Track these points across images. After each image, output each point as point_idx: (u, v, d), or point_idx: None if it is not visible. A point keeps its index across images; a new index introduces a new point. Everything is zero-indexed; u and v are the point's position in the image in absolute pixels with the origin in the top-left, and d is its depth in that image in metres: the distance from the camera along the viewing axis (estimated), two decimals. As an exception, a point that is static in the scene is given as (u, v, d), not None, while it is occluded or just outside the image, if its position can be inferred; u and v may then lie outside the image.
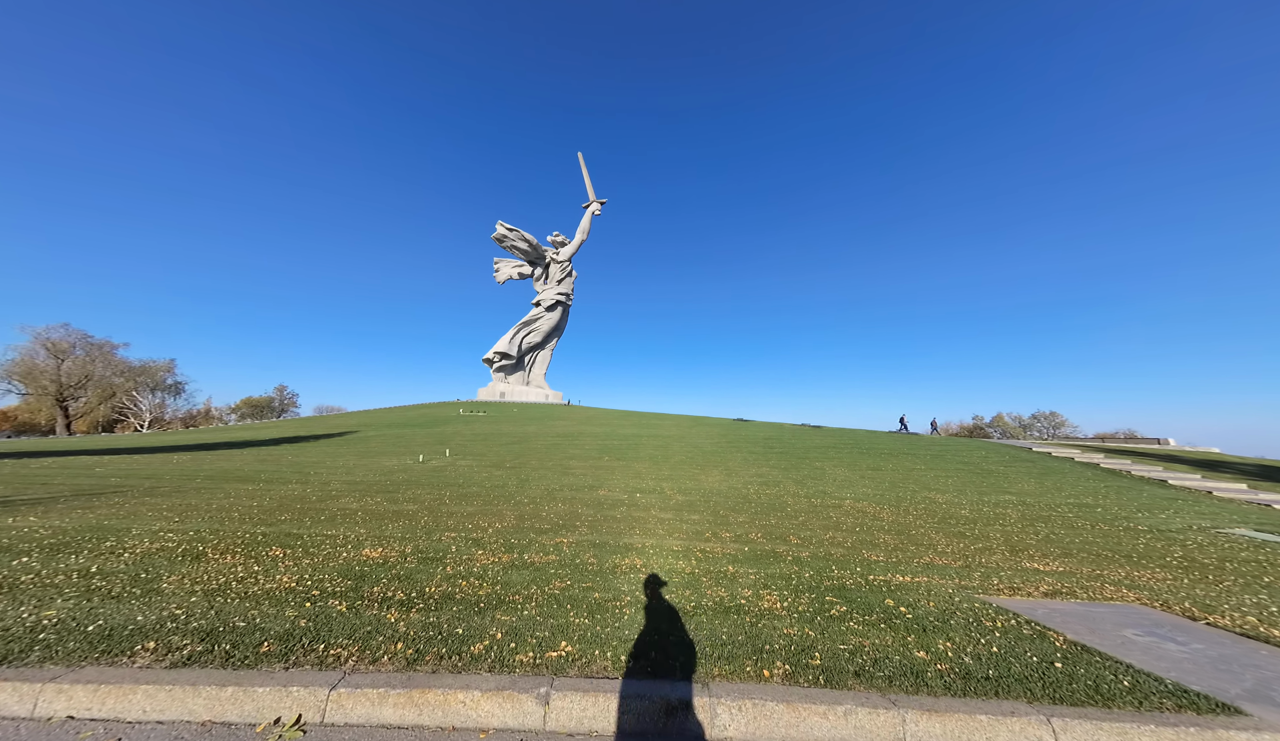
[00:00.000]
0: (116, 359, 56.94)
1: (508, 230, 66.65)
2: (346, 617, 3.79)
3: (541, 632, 3.50)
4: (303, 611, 3.92)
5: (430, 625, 3.63)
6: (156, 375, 60.27)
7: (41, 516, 7.64)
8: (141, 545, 6.09)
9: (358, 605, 4.09)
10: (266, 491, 11.24)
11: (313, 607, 4.01)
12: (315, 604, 4.11)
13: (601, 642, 3.40)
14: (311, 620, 3.69)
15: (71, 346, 52.56)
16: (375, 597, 4.30)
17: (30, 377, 50.06)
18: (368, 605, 4.09)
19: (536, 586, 4.69)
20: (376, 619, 3.75)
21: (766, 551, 6.20)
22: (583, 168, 72.38)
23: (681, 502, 10.78)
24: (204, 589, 4.49)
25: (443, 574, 5.11)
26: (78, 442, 28.70)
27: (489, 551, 6.17)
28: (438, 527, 7.79)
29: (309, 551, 6.06)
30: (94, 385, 54.66)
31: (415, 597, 4.33)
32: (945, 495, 11.75)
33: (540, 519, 8.74)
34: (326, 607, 4.01)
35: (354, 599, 4.25)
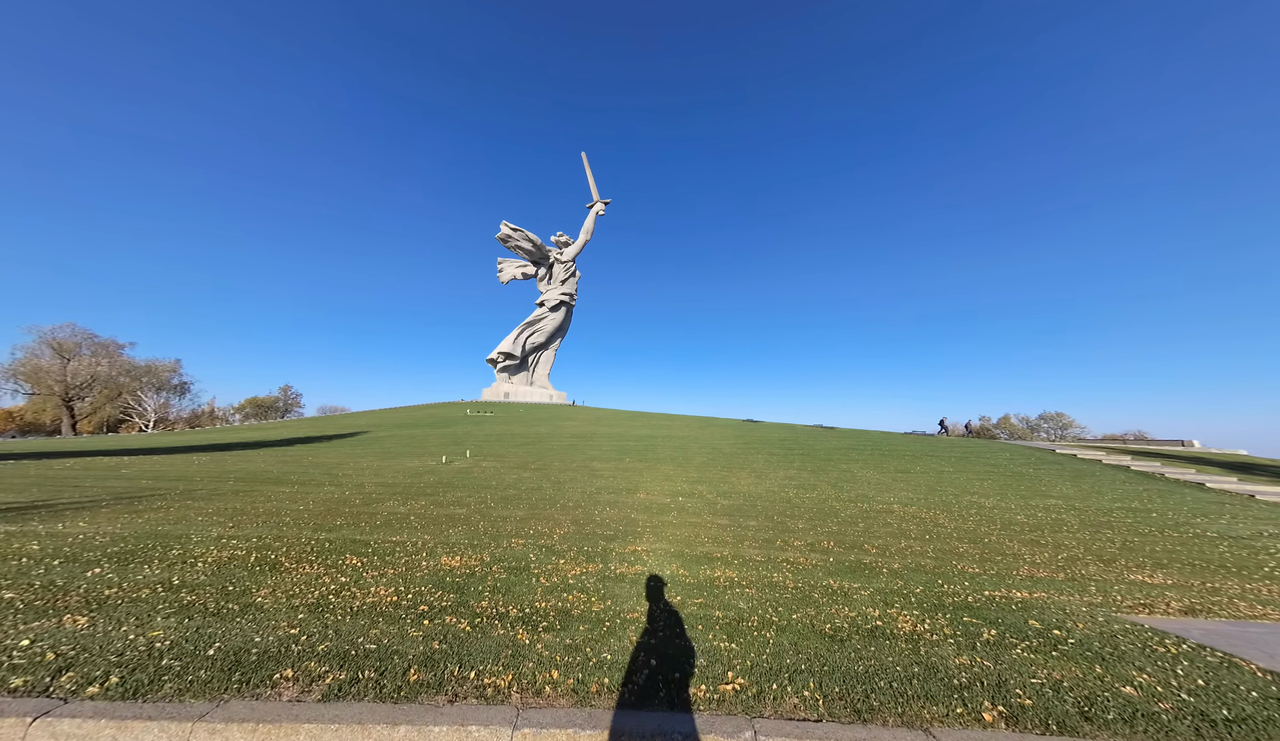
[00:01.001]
0: (122, 359, 56.23)
1: (512, 230, 66.32)
2: (476, 638, 3.54)
3: (699, 661, 3.25)
4: (425, 630, 3.66)
5: (572, 648, 3.38)
6: (162, 375, 59.52)
7: (90, 522, 7.32)
8: (210, 553, 5.80)
9: (478, 622, 3.83)
10: (305, 494, 10.92)
11: (433, 626, 3.75)
12: (431, 621, 3.86)
13: (775, 675, 3.14)
14: (443, 641, 3.43)
15: (78, 346, 51.79)
16: (489, 613, 4.05)
17: (36, 378, 49.32)
18: (488, 622, 3.83)
19: (649, 602, 4.44)
20: (510, 640, 3.50)
21: (854, 563, 5.97)
22: (586, 167, 72.07)
23: (727, 507, 10.53)
24: (303, 603, 4.23)
25: (540, 586, 4.86)
26: (90, 443, 28.20)
27: (571, 561, 5.92)
28: (499, 533, 7.53)
29: (386, 560, 5.79)
30: (100, 385, 53.87)
31: (531, 613, 4.08)
32: (989, 499, 11.56)
33: (597, 524, 8.48)
34: (447, 626, 3.76)
35: (468, 615, 3.99)
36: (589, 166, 71.37)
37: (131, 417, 57.14)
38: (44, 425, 55.50)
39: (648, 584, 5.00)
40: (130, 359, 57.76)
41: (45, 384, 49.63)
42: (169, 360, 62.72)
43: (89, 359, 52.34)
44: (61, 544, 6.01)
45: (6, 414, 57.40)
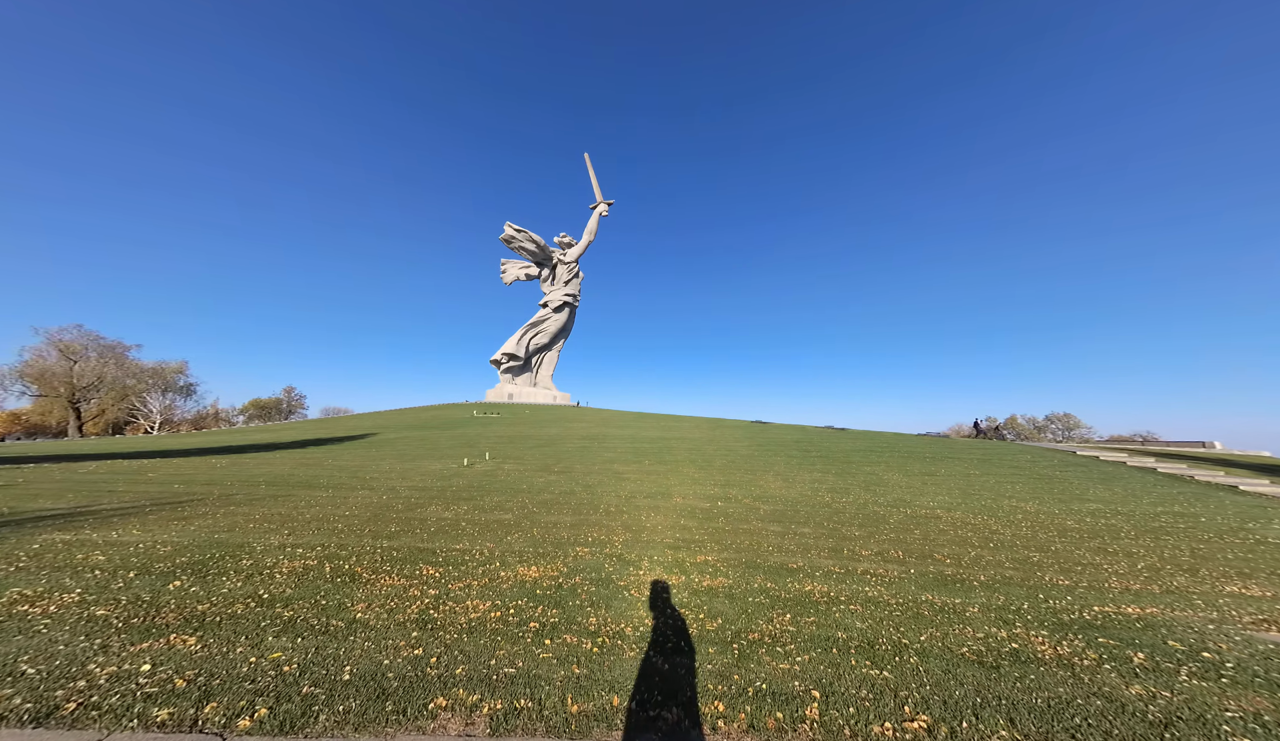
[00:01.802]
0: (129, 361, 55.74)
1: (516, 231, 66.09)
2: (612, 660, 3.37)
3: (862, 692, 3.07)
4: (552, 651, 3.50)
5: (720, 675, 3.21)
6: (168, 377, 59.01)
7: (143, 529, 7.11)
8: (282, 563, 5.62)
9: (601, 642, 3.67)
10: (342, 499, 10.73)
11: (557, 646, 3.59)
12: (552, 639, 3.70)
13: (957, 712, 2.89)
14: (580, 664, 3.27)
15: (84, 348, 51.30)
16: (606, 631, 3.89)
17: (42, 379, 48.82)
18: (611, 642, 3.67)
19: (760, 619, 4.27)
20: (654, 665, 3.33)
21: (937, 575, 5.80)
22: (589, 169, 71.92)
23: (770, 512, 10.39)
24: (407, 619, 4.06)
25: (637, 600, 4.69)
26: (105, 445, 27.82)
27: (649, 572, 5.75)
28: (559, 541, 7.36)
29: (461, 570, 5.63)
30: (106, 387, 53.36)
31: (647, 632, 3.90)
32: (1028, 504, 11.46)
33: (651, 531, 8.32)
34: (571, 646, 3.59)
35: (585, 633, 3.83)
36: (592, 167, 71.23)
37: (137, 419, 56.63)
38: (50, 427, 54.89)
39: (738, 598, 4.84)
40: (137, 360, 57.35)
41: (52, 386, 49.14)
42: (176, 361, 62.41)
43: (95, 361, 51.80)
44: (126, 554, 5.82)
45: (12, 416, 57.00)
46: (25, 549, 5.92)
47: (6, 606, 4.07)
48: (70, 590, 4.51)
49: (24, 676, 2.95)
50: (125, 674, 3.03)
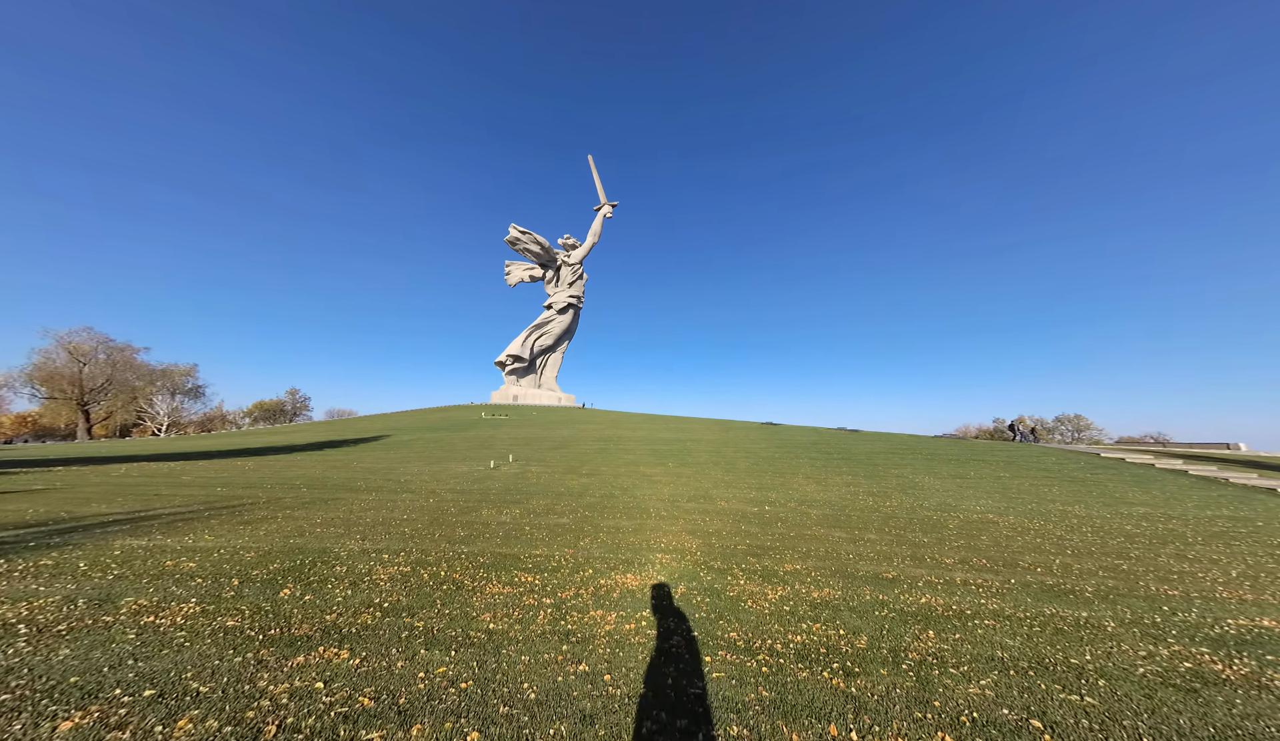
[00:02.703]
0: (138, 363, 55.04)
1: (520, 233, 65.92)
2: (815, 687, 3.19)
3: (1084, 721, 2.87)
4: (718, 668, 3.36)
5: (918, 700, 3.09)
6: (177, 379, 58.38)
7: (214, 535, 6.91)
8: (376, 570, 5.45)
9: (761, 658, 3.55)
10: (391, 502, 10.54)
11: (716, 661, 3.45)
12: (710, 655, 3.57)
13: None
14: (763, 686, 3.12)
15: (93, 350, 50.61)
16: (765, 649, 3.74)
17: (52, 382, 48.12)
18: (796, 663, 3.50)
19: (904, 636, 4.08)
20: (844, 693, 3.12)
21: (1040, 585, 5.66)
22: (593, 170, 71.83)
23: (823, 517, 10.28)
24: (543, 630, 3.90)
25: (774, 614, 4.54)
26: (123, 448, 27.45)
27: (754, 583, 5.57)
28: (634, 547, 7.21)
29: (559, 577, 5.47)
30: (115, 389, 52.68)
31: (806, 648, 3.74)
32: (1075, 507, 11.41)
33: (718, 537, 8.16)
34: (728, 663, 3.46)
35: (748, 653, 3.65)
36: (596, 169, 71.14)
37: (144, 421, 55.97)
38: (58, 429, 54.19)
39: (867, 613, 4.68)
40: (145, 363, 56.69)
41: (61, 388, 48.47)
42: (185, 364, 61.88)
43: (105, 363, 51.15)
44: (215, 560, 5.64)
45: (21, 418, 56.42)
46: (108, 555, 5.73)
47: (131, 617, 3.91)
48: (184, 599, 4.34)
49: (201, 697, 2.79)
50: (303, 691, 2.88)
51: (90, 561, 5.37)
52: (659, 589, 5.17)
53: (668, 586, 5.27)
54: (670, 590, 5.14)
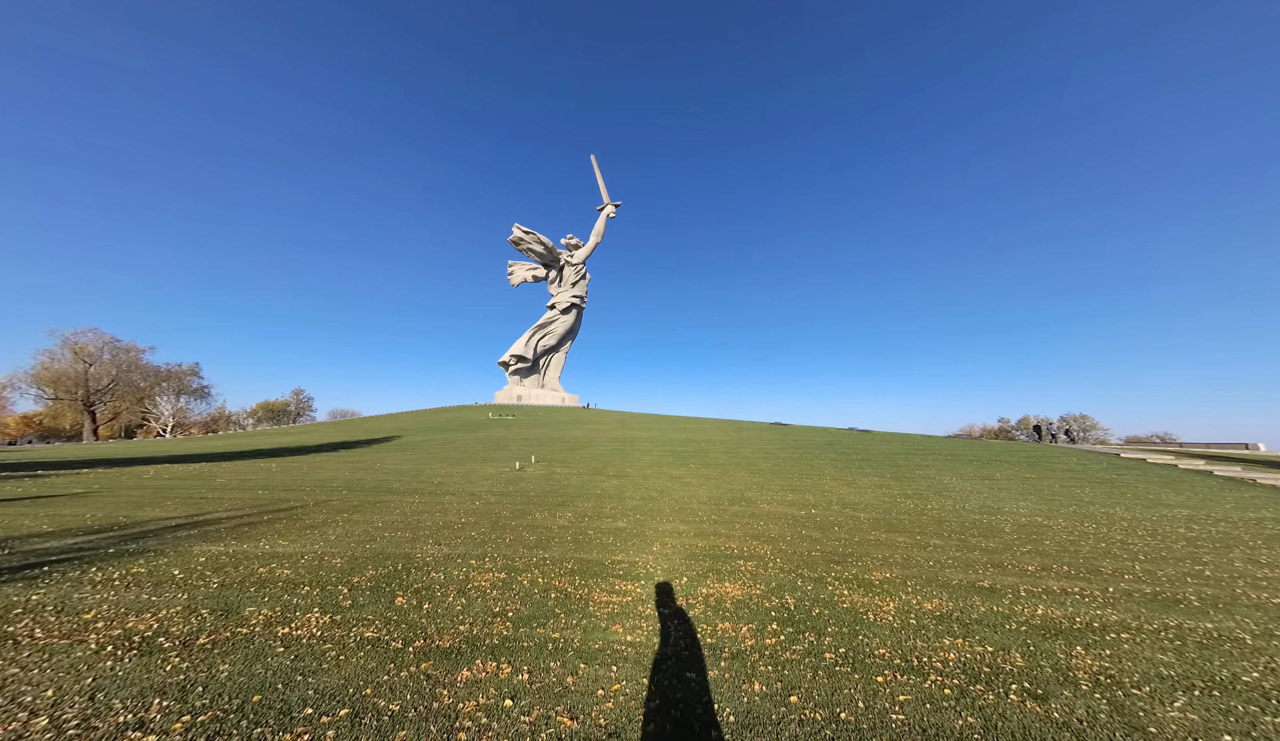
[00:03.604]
0: (143, 363, 54.52)
1: (524, 233, 65.66)
2: (1017, 713, 2.99)
3: None
4: (919, 694, 3.14)
5: (1135, 722, 2.98)
6: (182, 379, 57.66)
7: (289, 540, 6.71)
8: (471, 576, 5.29)
9: (935, 681, 3.43)
10: (437, 504, 10.37)
11: (917, 686, 3.29)
12: (862, 674, 3.47)
13: None
14: (975, 714, 2.97)
15: (99, 351, 50.00)
16: (945, 671, 3.53)
17: (58, 383, 47.43)
18: (974, 684, 3.30)
19: (1054, 653, 3.90)
20: (1056, 719, 2.93)
21: (1144, 593, 5.57)
22: (596, 170, 71.64)
23: (874, 520, 10.22)
24: (695, 645, 3.83)
25: (904, 627, 4.42)
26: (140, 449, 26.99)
27: (851, 590, 5.52)
28: (707, 553, 7.12)
29: (658, 587, 5.40)
30: (121, 389, 52.10)
31: (1006, 673, 3.54)
32: (1116, 509, 11.43)
33: (787, 543, 8.00)
34: (922, 688, 3.20)
35: (917, 672, 3.46)
36: (599, 169, 70.99)
37: (149, 422, 55.30)
38: (63, 430, 53.47)
39: (1006, 628, 4.61)
40: (151, 363, 56.10)
41: (67, 389, 47.82)
42: (188, 364, 61.09)
43: (110, 363, 50.53)
44: (308, 566, 5.51)
45: (25, 419, 55.51)
46: (195, 562, 5.56)
47: (266, 628, 3.78)
48: (305, 609, 4.19)
49: (398, 716, 2.67)
50: (496, 709, 2.73)
51: (183, 569, 5.21)
52: (769, 598, 5.08)
53: (776, 596, 5.18)
54: (782, 600, 5.04)
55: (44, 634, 3.60)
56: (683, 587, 5.38)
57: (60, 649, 3.40)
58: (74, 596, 4.40)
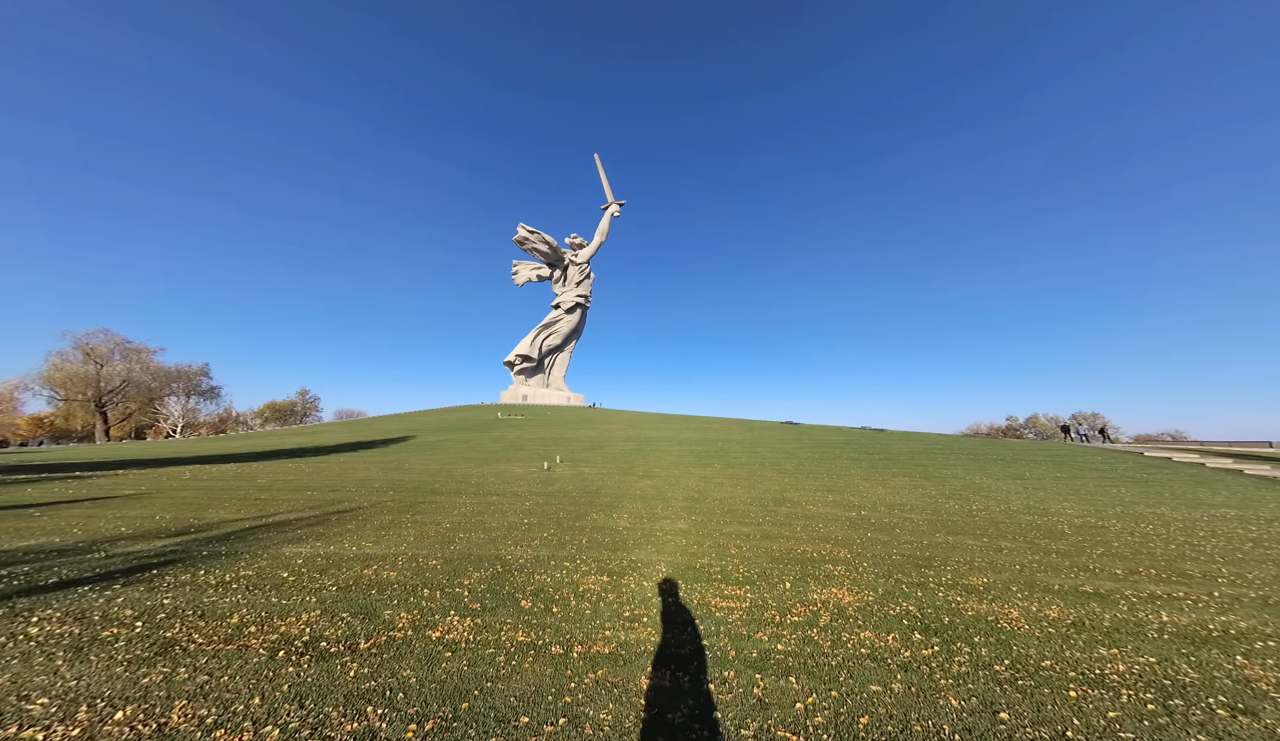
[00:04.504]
0: (154, 364, 54.35)
1: (529, 232, 65.32)
2: (1244, 733, 2.87)
3: None
4: (1128, 709, 3.01)
5: None
6: (191, 380, 57.47)
7: (373, 543, 6.53)
8: (578, 580, 5.17)
9: (1134, 700, 3.28)
10: (493, 505, 10.17)
11: (1111, 700, 3.17)
12: (1097, 691, 3.32)
13: None
14: (1207, 736, 2.85)
15: (110, 352, 50.00)
16: (1122, 685, 3.38)
17: (69, 384, 47.39)
18: (1168, 699, 3.15)
19: (1224, 664, 3.72)
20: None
21: (1251, 598, 5.46)
22: (600, 169, 71.42)
23: (930, 523, 10.06)
24: (851, 657, 3.72)
25: (1048, 638, 4.36)
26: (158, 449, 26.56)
27: (965, 597, 5.45)
28: (786, 556, 7.01)
29: (763, 593, 5.24)
30: (132, 390, 51.98)
31: (1191, 688, 3.37)
32: (1161, 509, 11.40)
33: (862, 545, 7.86)
34: (1118, 700, 3.09)
35: (1136, 689, 3.29)
36: (602, 168, 70.79)
37: (159, 422, 55.14)
38: (75, 431, 53.32)
39: (1150, 637, 4.46)
40: (161, 364, 55.99)
41: (79, 390, 47.73)
42: (198, 364, 61.05)
43: (121, 364, 50.50)
44: (413, 570, 5.44)
45: (36, 420, 55.35)
46: (295, 564, 5.51)
47: (416, 632, 3.72)
48: (443, 612, 4.09)
49: (627, 729, 2.57)
50: (703, 718, 2.68)
51: (289, 570, 5.11)
52: (888, 605, 4.96)
53: (892, 602, 5.06)
54: (901, 607, 4.91)
55: (203, 639, 3.56)
56: (791, 593, 5.25)
57: (232, 654, 3.34)
58: (203, 600, 4.35)
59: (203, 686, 2.94)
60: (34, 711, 2.72)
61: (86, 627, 3.82)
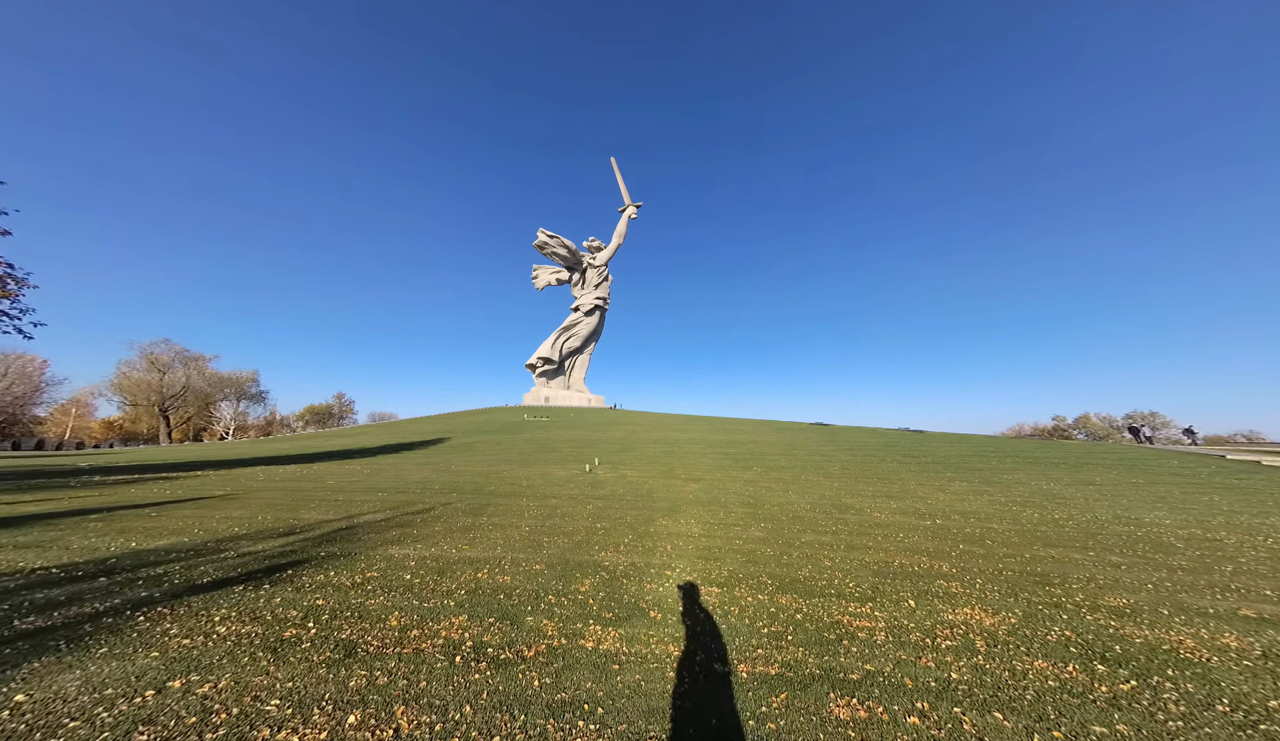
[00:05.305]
0: (209, 371, 58.06)
1: (548, 237, 65.56)
2: None
3: None
4: None
5: None
6: (241, 385, 61.11)
7: (470, 546, 6.40)
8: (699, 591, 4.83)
9: None
10: (554, 508, 9.73)
11: None
12: None
13: None
14: None
15: (171, 360, 54.23)
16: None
17: (136, 390, 51.45)
18: None
19: None
20: None
21: None
22: (616, 172, 71.35)
23: (1012, 534, 9.39)
24: (1068, 689, 3.20)
25: (1250, 672, 3.76)
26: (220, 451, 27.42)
27: (1121, 621, 4.81)
28: (887, 570, 6.47)
29: (891, 609, 4.76)
30: (190, 395, 55.61)
31: None
32: (1271, 519, 10.45)
33: (969, 559, 7.42)
34: None
35: None
36: (619, 171, 70.63)
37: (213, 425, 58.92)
38: (140, 433, 57.37)
39: None
40: (215, 370, 59.72)
41: (144, 395, 51.69)
42: (248, 370, 64.78)
43: (181, 372, 54.44)
44: (517, 571, 5.26)
45: (107, 423, 59.65)
46: (405, 566, 5.54)
47: (570, 641, 3.60)
48: (580, 620, 3.78)
49: None
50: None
51: (410, 572, 5.19)
52: (1036, 627, 4.40)
53: (1039, 625, 4.50)
54: (1055, 631, 4.32)
55: (376, 642, 3.53)
56: (922, 612, 4.70)
57: (410, 657, 3.35)
58: (350, 600, 4.40)
59: (405, 691, 2.93)
60: (271, 712, 2.75)
61: (266, 627, 3.88)
